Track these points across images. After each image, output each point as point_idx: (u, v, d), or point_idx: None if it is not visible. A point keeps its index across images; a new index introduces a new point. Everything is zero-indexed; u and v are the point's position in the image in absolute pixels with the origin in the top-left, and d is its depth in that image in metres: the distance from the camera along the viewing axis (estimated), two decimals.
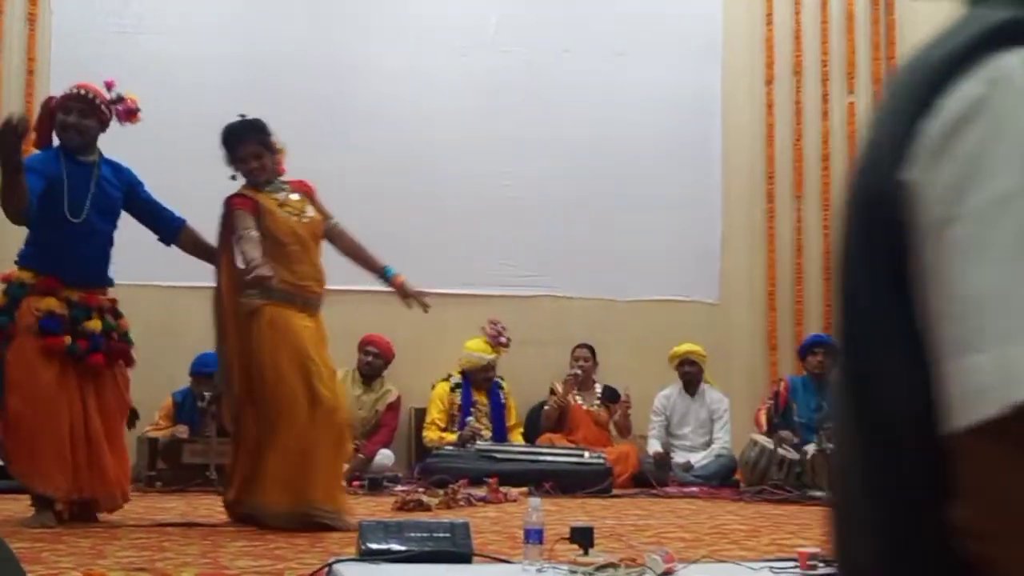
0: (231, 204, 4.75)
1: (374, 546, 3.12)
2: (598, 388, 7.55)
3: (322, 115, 7.61)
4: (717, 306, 8.23)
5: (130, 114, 4.95)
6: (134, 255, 7.29)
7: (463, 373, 7.44)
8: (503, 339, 7.47)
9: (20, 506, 4.83)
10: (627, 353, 7.96)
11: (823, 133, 8.42)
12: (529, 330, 7.77)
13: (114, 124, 4.95)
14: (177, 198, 7.17)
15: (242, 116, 4.88)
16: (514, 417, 7.54)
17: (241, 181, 4.86)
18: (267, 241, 4.65)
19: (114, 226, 4.85)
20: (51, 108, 4.75)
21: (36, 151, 4.71)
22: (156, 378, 7.14)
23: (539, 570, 2.90)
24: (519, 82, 8.05)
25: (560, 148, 7.97)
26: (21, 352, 4.52)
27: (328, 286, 7.45)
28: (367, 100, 7.82)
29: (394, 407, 7.33)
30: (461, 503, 5.57)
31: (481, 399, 7.42)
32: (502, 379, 7.57)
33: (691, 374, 7.49)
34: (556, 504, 5.47)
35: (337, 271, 7.45)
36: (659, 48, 8.28)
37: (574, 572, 2.85)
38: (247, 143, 4.79)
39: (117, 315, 4.85)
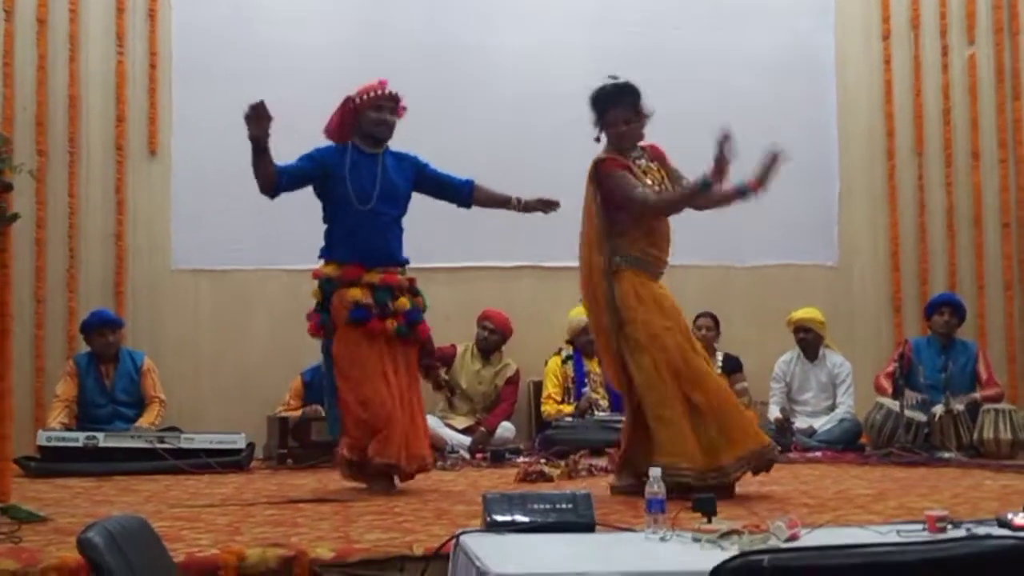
0: (609, 166, 4.74)
1: (499, 518, 3.18)
2: (719, 356, 7.50)
3: (443, 97, 7.65)
4: (837, 269, 8.09)
5: (403, 110, 5.27)
6: (256, 239, 7.58)
7: (571, 343, 7.48)
8: None
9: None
10: (746, 320, 7.89)
11: (943, 87, 8.18)
12: None
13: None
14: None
15: (614, 78, 4.88)
16: None
17: (599, 145, 4.86)
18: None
19: (401, 211, 5.19)
20: (356, 106, 5.07)
21: (330, 143, 5.11)
22: (284, 358, 7.38)
23: (662, 538, 2.92)
24: (631, 54, 7.96)
25: (675, 118, 7.86)
26: (345, 343, 4.92)
27: (447, 263, 7.63)
28: (478, 78, 7.87)
29: (513, 381, 7.40)
30: (582, 473, 5.62)
31: (594, 368, 7.44)
32: None
33: (807, 340, 7.38)
34: None
35: (456, 247, 7.60)
36: (771, 11, 8.13)
37: (698, 540, 2.85)
38: (620, 107, 4.80)
39: (415, 293, 5.16)
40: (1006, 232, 8.12)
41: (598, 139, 4.85)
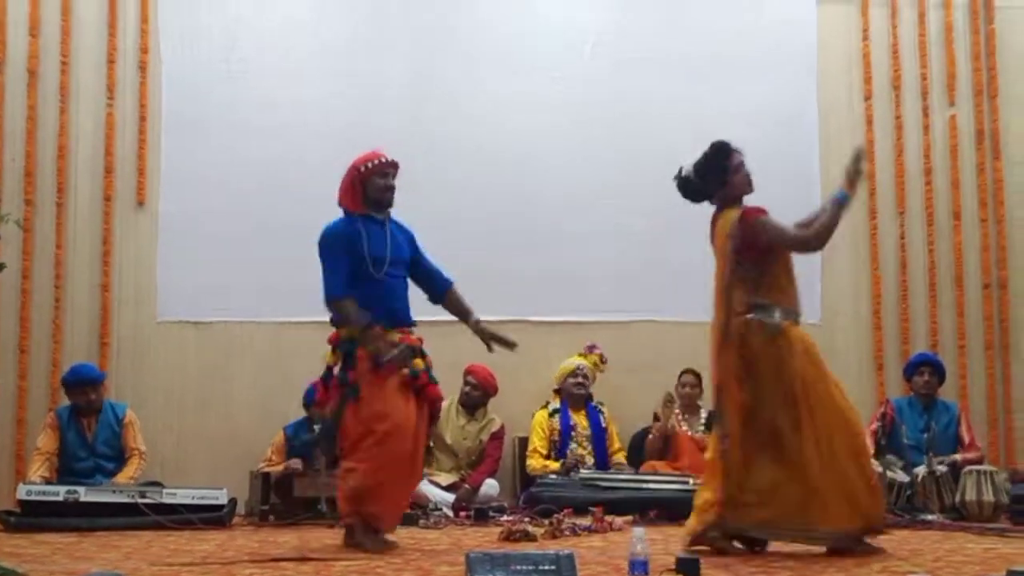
0: (756, 214, 4.86)
1: None
2: (703, 414, 7.51)
3: (421, 146, 7.73)
4: (819, 327, 8.12)
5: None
6: (243, 292, 7.60)
7: (559, 394, 7.50)
8: (596, 349, 7.53)
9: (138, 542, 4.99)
10: None
11: (924, 147, 8.30)
12: (631, 355, 7.79)
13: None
14: (285, 236, 7.44)
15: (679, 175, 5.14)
16: (616, 442, 7.55)
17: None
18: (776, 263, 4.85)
19: (407, 274, 5.27)
20: (362, 174, 5.14)
21: (337, 219, 5.15)
22: (269, 412, 7.38)
23: None
24: (613, 107, 8.10)
25: (655, 175, 7.95)
26: (379, 388, 4.93)
27: (434, 317, 7.66)
28: (465, 129, 7.94)
29: (498, 436, 7.40)
30: (566, 533, 5.60)
31: (581, 422, 7.45)
32: (601, 404, 7.59)
33: None
34: (661, 532, 5.46)
35: None
36: (754, 66, 8.24)
37: None
38: (735, 153, 4.96)
39: (423, 353, 5.19)
40: (987, 292, 8.19)
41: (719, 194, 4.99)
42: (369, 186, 5.16)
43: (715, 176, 4.97)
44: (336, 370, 5.05)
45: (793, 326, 4.81)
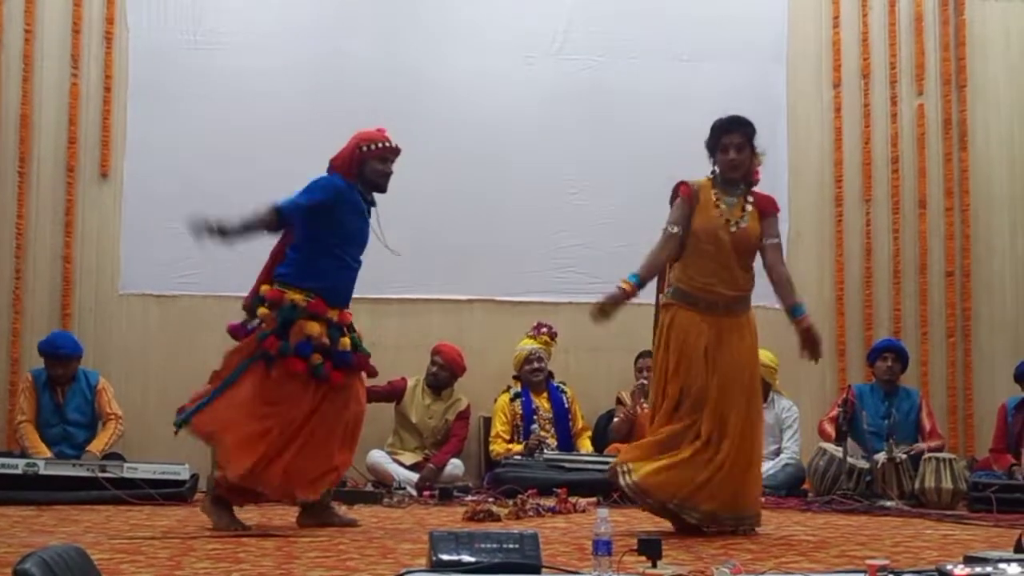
0: (675, 190, 5.00)
1: (445, 557, 3.18)
2: None
3: (388, 122, 7.63)
4: (781, 311, 8.15)
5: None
6: (207, 266, 7.53)
7: (518, 379, 7.50)
8: (543, 328, 7.51)
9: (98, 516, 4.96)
10: None
11: (892, 136, 8.34)
12: (597, 337, 7.72)
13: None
14: (248, 204, 7.36)
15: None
16: (580, 422, 7.56)
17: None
18: (690, 237, 4.89)
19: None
20: (362, 153, 5.09)
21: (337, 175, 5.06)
22: None
23: None
24: (585, 90, 8.09)
25: (626, 155, 7.99)
26: (285, 373, 4.86)
27: (402, 295, 7.63)
28: (433, 108, 7.88)
29: (464, 416, 7.38)
30: (530, 513, 5.62)
31: (543, 405, 7.45)
32: (563, 384, 7.59)
33: None
34: (624, 515, 5.48)
35: (408, 279, 7.59)
36: (724, 54, 8.24)
37: None
38: (732, 134, 5.01)
39: (352, 329, 5.14)
40: (950, 280, 8.26)
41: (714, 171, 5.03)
42: (366, 167, 5.09)
43: (709, 152, 5.06)
44: (259, 327, 4.94)
45: (680, 307, 4.89)
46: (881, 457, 6.61)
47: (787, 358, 7.85)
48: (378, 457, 7.08)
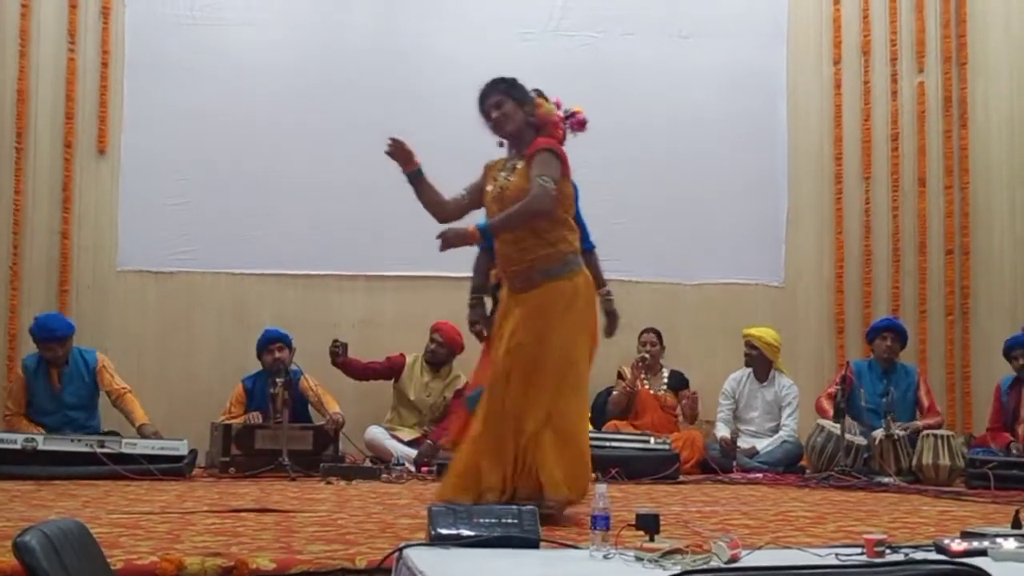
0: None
1: (444, 531, 3.18)
2: (665, 373, 7.55)
3: (385, 97, 7.66)
4: (782, 289, 8.18)
5: (581, 124, 5.01)
6: (204, 242, 7.53)
7: None
8: None
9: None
10: (693, 337, 7.96)
11: (892, 113, 8.32)
12: None
13: None
14: (248, 186, 7.37)
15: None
16: None
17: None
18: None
19: None
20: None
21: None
22: (230, 364, 7.33)
23: (606, 556, 2.93)
24: (583, 66, 8.04)
25: (625, 132, 7.96)
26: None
27: (400, 272, 7.60)
28: (428, 85, 7.84)
29: (462, 393, 7.37)
30: None
31: None
32: None
33: (751, 357, 7.42)
34: (622, 490, 5.49)
35: (406, 256, 7.58)
36: (724, 30, 8.23)
37: (640, 558, 2.87)
38: (488, 97, 4.72)
39: None
40: (949, 259, 8.26)
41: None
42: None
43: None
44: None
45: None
46: (879, 434, 6.62)
47: (787, 336, 7.92)
48: (376, 433, 7.09)
